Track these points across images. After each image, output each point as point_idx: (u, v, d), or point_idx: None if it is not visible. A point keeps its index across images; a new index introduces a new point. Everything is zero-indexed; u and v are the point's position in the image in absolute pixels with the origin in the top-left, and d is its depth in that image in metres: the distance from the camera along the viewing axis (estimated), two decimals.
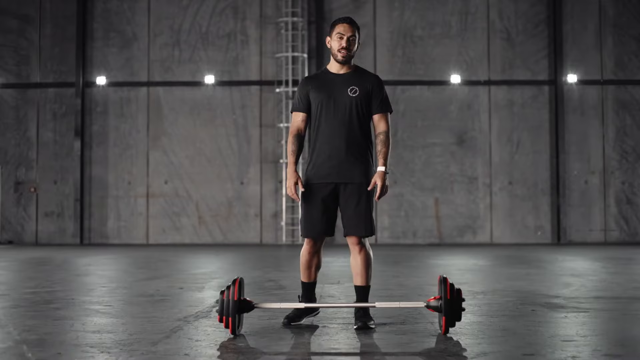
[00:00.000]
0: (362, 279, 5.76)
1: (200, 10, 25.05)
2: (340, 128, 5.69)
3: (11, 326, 5.72)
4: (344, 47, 5.71)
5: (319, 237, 5.79)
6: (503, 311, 6.53)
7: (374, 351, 4.74)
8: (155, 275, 11.20)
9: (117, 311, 6.69)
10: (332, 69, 5.83)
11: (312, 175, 5.75)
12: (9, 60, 25.26)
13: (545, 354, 4.48)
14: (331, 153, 5.68)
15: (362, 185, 5.69)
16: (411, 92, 24.68)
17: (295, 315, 5.82)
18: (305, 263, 5.88)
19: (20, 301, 7.48)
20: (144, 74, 25.04)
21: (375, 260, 14.51)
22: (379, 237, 24.39)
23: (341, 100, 5.71)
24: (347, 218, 5.70)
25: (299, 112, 5.84)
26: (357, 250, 5.74)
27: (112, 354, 4.55)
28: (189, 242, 24.67)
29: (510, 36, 24.62)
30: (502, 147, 24.50)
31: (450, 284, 5.19)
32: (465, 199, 24.51)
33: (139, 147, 24.96)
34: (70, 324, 5.83)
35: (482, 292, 8.24)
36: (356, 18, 22.77)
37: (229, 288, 5.24)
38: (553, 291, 8.28)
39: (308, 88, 5.81)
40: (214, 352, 4.66)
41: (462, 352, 4.63)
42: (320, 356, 4.54)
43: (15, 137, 25.15)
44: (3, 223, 25.09)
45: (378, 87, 5.79)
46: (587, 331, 5.38)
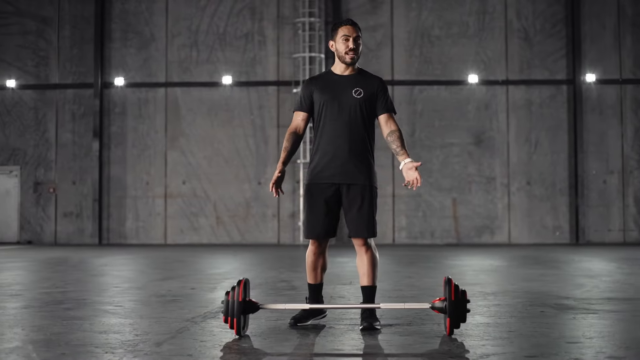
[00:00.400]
0: (368, 280, 5.75)
1: (217, 10, 25.12)
2: (344, 129, 5.69)
3: (20, 326, 5.77)
4: (352, 49, 5.72)
5: (321, 237, 5.78)
6: (512, 312, 6.51)
7: (376, 352, 4.74)
8: (169, 275, 11.24)
9: (127, 311, 6.71)
10: (337, 71, 5.84)
11: (315, 175, 5.76)
12: (28, 62, 25.43)
13: (548, 356, 4.46)
14: (334, 154, 5.69)
15: (365, 187, 5.70)
16: (429, 92, 24.63)
17: (302, 316, 5.82)
18: (310, 264, 5.89)
19: (33, 301, 7.52)
20: (162, 75, 25.14)
21: (391, 260, 14.59)
22: (397, 237, 24.37)
23: (345, 101, 5.72)
24: (351, 220, 5.70)
25: (301, 112, 5.85)
26: (363, 251, 5.75)
27: (116, 354, 4.57)
28: (206, 242, 24.75)
29: (528, 36, 24.52)
30: (520, 147, 24.41)
31: (455, 285, 5.17)
32: (483, 199, 24.44)
33: (157, 148, 25.06)
34: (79, 324, 5.86)
35: (493, 293, 8.22)
36: (373, 18, 22.91)
37: (234, 289, 5.25)
38: (565, 292, 8.24)
39: (312, 89, 5.82)
40: (217, 352, 4.68)
41: (465, 353, 4.61)
42: (322, 357, 4.54)
43: (34, 138, 25.32)
44: (22, 223, 25.27)
45: (382, 89, 5.81)
46: (594, 333, 5.35)
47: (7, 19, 25.53)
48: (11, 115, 25.42)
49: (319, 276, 5.93)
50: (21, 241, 25.12)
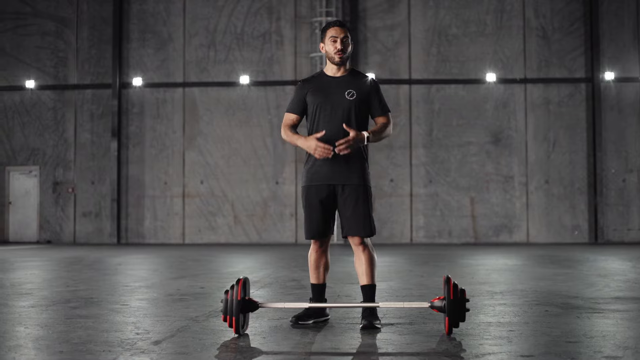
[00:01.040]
0: (367, 279, 5.75)
1: (235, 10, 25.17)
2: (337, 130, 5.70)
3: (24, 324, 5.80)
4: (339, 49, 5.77)
5: (319, 237, 5.81)
6: (516, 312, 6.47)
7: (372, 351, 4.72)
8: (182, 274, 11.27)
9: (132, 310, 6.74)
10: (329, 72, 5.88)
11: (311, 177, 5.80)
12: (47, 62, 25.60)
13: (544, 355, 4.43)
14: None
15: (360, 187, 5.73)
16: (446, 91, 24.56)
17: (304, 315, 5.83)
18: (313, 263, 5.92)
19: (41, 299, 7.56)
20: (180, 75, 25.22)
21: (406, 260, 14.57)
22: (414, 236, 24.31)
23: (338, 103, 5.75)
24: (347, 219, 5.72)
25: (292, 114, 5.90)
26: (360, 250, 5.75)
27: (113, 352, 4.59)
28: (224, 242, 24.81)
29: (546, 34, 24.40)
30: (538, 145, 24.29)
31: (454, 284, 5.15)
32: (501, 198, 24.34)
33: (175, 148, 25.15)
34: (82, 323, 5.89)
35: (501, 292, 8.18)
36: (390, 17, 22.89)
37: (233, 288, 5.26)
38: (574, 291, 8.19)
39: (305, 91, 5.87)
40: (214, 351, 4.68)
41: (461, 352, 4.59)
42: (317, 356, 4.53)
43: (53, 138, 25.48)
44: (42, 223, 25.43)
45: (375, 89, 5.85)
46: (596, 332, 5.31)
47: (25, 20, 25.70)
48: (30, 116, 25.60)
49: (321, 276, 5.95)
50: (40, 241, 25.30)
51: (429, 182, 24.40)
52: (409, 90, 24.62)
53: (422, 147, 24.48)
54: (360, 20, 24.79)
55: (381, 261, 14.55)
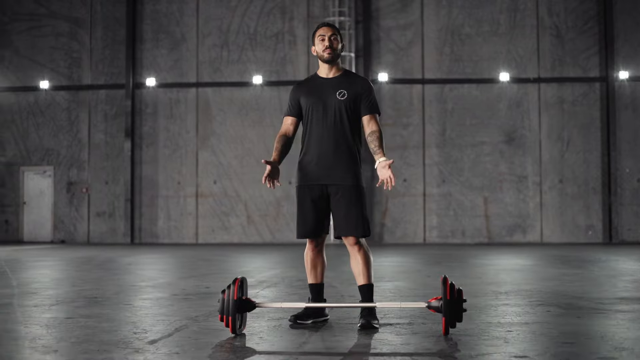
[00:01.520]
0: (364, 278, 5.74)
1: (248, 10, 25.19)
2: (330, 131, 5.76)
3: (23, 324, 5.81)
4: (328, 46, 5.79)
5: (312, 236, 5.82)
6: (518, 312, 6.44)
7: (364, 351, 4.71)
8: (191, 274, 11.30)
9: (135, 310, 6.75)
10: (322, 74, 5.92)
11: (303, 177, 5.84)
12: (61, 63, 25.70)
13: (538, 356, 4.41)
14: (320, 156, 5.77)
15: (353, 187, 5.75)
16: (459, 91, 24.49)
17: (303, 315, 5.83)
18: (309, 263, 5.93)
19: (46, 299, 7.58)
20: (193, 75, 25.27)
21: (417, 260, 14.55)
22: (428, 236, 24.25)
23: (330, 104, 5.79)
24: (340, 220, 5.72)
25: (289, 117, 5.97)
26: (355, 250, 5.75)
27: (107, 352, 4.60)
28: (237, 241, 24.83)
29: (560, 33, 24.28)
30: (552, 145, 24.18)
31: (451, 285, 5.13)
32: (515, 198, 24.24)
33: (188, 148, 25.20)
34: (82, 322, 5.91)
35: (506, 292, 8.14)
36: (403, 17, 22.87)
37: (230, 287, 5.26)
38: (580, 292, 8.14)
39: (299, 93, 5.93)
40: (208, 351, 4.68)
41: (455, 353, 4.57)
42: (308, 356, 4.51)
43: (67, 138, 25.58)
44: (56, 223, 25.54)
45: (367, 90, 5.86)
46: (595, 333, 5.27)
47: (40, 21, 25.82)
48: (45, 116, 25.71)
49: (319, 276, 5.95)
50: (55, 241, 25.41)
51: (442, 182, 24.34)
52: (422, 89, 24.57)
53: (435, 146, 24.42)
54: (373, 20, 24.75)
55: (391, 261, 14.53)
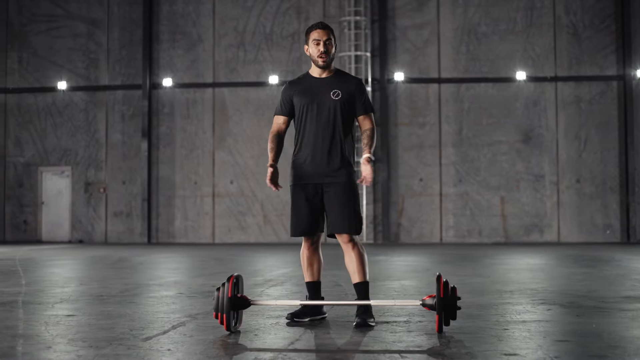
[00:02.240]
0: (359, 276, 5.75)
1: (264, 11, 25.23)
2: (324, 130, 5.79)
3: (23, 321, 5.86)
4: (323, 52, 5.79)
5: (306, 234, 5.84)
6: (518, 311, 6.41)
7: (354, 349, 4.70)
8: (201, 273, 11.34)
9: (137, 307, 6.77)
10: (314, 74, 5.93)
11: (297, 176, 5.89)
12: (78, 64, 25.85)
13: (527, 354, 4.38)
14: (314, 154, 5.80)
15: (346, 185, 5.76)
16: (476, 90, 24.42)
17: (300, 313, 5.83)
18: (305, 261, 5.94)
19: (51, 297, 7.62)
20: (210, 75, 25.34)
21: (429, 259, 14.55)
22: (444, 236, 24.20)
23: (324, 103, 5.81)
24: (334, 218, 5.74)
25: (281, 116, 5.98)
26: (349, 248, 5.76)
27: (99, 348, 4.62)
28: (254, 241, 24.87)
29: (577, 31, 24.15)
30: (569, 144, 24.05)
31: (445, 282, 5.11)
32: (532, 198, 24.14)
33: (204, 148, 25.27)
34: (81, 320, 5.95)
35: (511, 291, 8.11)
36: (419, 16, 22.84)
37: (224, 285, 5.27)
38: (585, 290, 8.10)
39: (291, 92, 5.94)
40: (199, 347, 4.70)
41: (445, 350, 4.56)
42: (296, 353, 4.52)
43: (85, 138, 25.73)
44: (74, 223, 25.69)
45: (360, 89, 5.88)
46: (591, 331, 5.24)
47: (57, 22, 25.99)
48: (62, 117, 25.87)
49: (315, 274, 5.96)
50: (72, 240, 25.56)
51: (459, 182, 24.28)
52: (439, 89, 24.51)
53: (452, 146, 24.36)
54: (389, 19, 24.72)
55: (403, 260, 14.51)
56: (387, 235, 24.33)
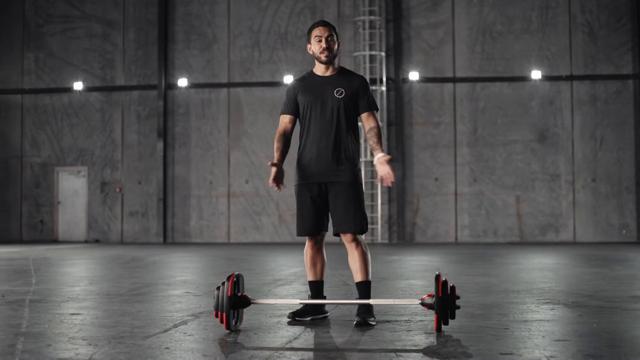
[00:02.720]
0: (362, 275, 5.75)
1: (279, 11, 25.26)
2: (328, 129, 5.77)
3: (27, 320, 5.90)
4: (325, 48, 5.80)
5: (311, 234, 5.84)
6: (522, 310, 6.40)
7: (351, 348, 4.71)
8: (213, 272, 11.39)
9: (141, 306, 6.79)
10: (318, 72, 5.92)
11: (301, 175, 5.86)
12: (94, 64, 25.99)
13: (523, 353, 4.38)
14: (319, 153, 5.78)
15: (350, 184, 5.75)
16: (491, 89, 24.35)
17: (301, 312, 5.84)
18: (309, 260, 5.94)
19: (58, 296, 7.67)
20: (225, 75, 25.40)
21: (442, 258, 14.54)
22: (459, 235, 24.14)
23: (328, 101, 5.79)
24: (338, 217, 5.74)
25: (287, 115, 5.95)
26: (353, 247, 5.76)
27: (98, 346, 4.66)
28: (269, 241, 24.91)
29: (592, 30, 24.04)
30: (585, 143, 23.94)
31: (443, 282, 5.12)
32: (547, 197, 24.04)
33: (220, 148, 25.33)
34: (83, 318, 5.98)
35: (518, 290, 8.09)
36: (434, 15, 22.82)
37: (224, 284, 5.30)
38: (593, 290, 8.07)
39: (296, 91, 5.93)
40: (198, 346, 4.72)
41: (441, 349, 4.56)
42: (294, 351, 4.53)
43: (101, 139, 25.86)
44: (90, 222, 25.82)
45: (364, 87, 5.86)
46: (589, 331, 5.23)
47: (74, 23, 26.13)
48: (79, 117, 26.01)
49: (318, 273, 5.96)
50: (89, 240, 25.69)
51: (474, 181, 24.22)
52: (453, 88, 24.47)
53: (467, 145, 24.30)
54: (404, 19, 24.69)
55: (415, 260, 14.50)
56: (402, 235, 24.31)
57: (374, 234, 24.42)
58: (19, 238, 26.15)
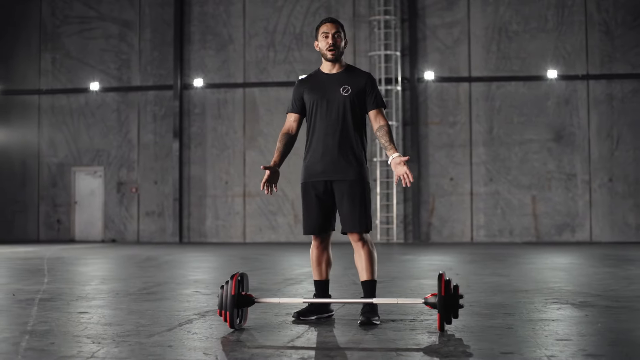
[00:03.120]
0: (367, 274, 5.75)
1: (294, 11, 25.29)
2: (334, 127, 5.75)
3: (33, 317, 5.94)
4: (332, 44, 5.78)
5: (318, 233, 5.84)
6: (527, 309, 6.39)
7: (352, 347, 4.71)
8: (224, 272, 11.40)
9: (148, 304, 6.82)
10: (325, 70, 5.90)
11: (307, 173, 5.85)
12: (110, 65, 26.11)
13: (524, 352, 4.38)
14: (324, 151, 5.76)
15: (356, 182, 5.73)
16: (507, 88, 24.28)
17: (306, 311, 5.85)
18: (315, 259, 5.94)
19: (67, 295, 7.72)
20: (240, 76, 25.45)
21: (454, 258, 14.49)
22: (475, 235, 24.08)
23: (334, 99, 5.77)
24: (343, 215, 5.74)
25: (293, 114, 5.95)
26: (359, 246, 5.76)
27: (102, 344, 4.69)
28: (285, 240, 24.94)
29: (609, 29, 23.92)
30: (601, 142, 23.83)
31: (446, 281, 5.11)
32: (564, 197, 23.94)
33: (235, 148, 25.39)
34: (89, 317, 6.02)
35: (527, 290, 8.06)
36: (450, 15, 22.80)
37: (228, 283, 5.32)
38: (602, 289, 8.04)
39: (302, 90, 5.91)
40: (200, 344, 4.74)
41: (442, 348, 4.55)
42: (295, 350, 4.55)
43: (117, 139, 25.98)
44: (106, 222, 25.95)
45: (370, 84, 5.82)
46: (593, 331, 5.21)
47: (90, 24, 26.27)
48: (95, 117, 26.14)
49: (324, 272, 5.96)
50: (105, 240, 25.81)
51: (490, 181, 24.16)
52: (469, 88, 24.41)
53: (483, 145, 24.24)
54: (419, 18, 24.66)
55: (428, 259, 14.49)
56: (417, 234, 24.29)
57: (389, 233, 24.40)
58: (36, 238, 26.32)
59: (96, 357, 4.31)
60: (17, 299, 7.34)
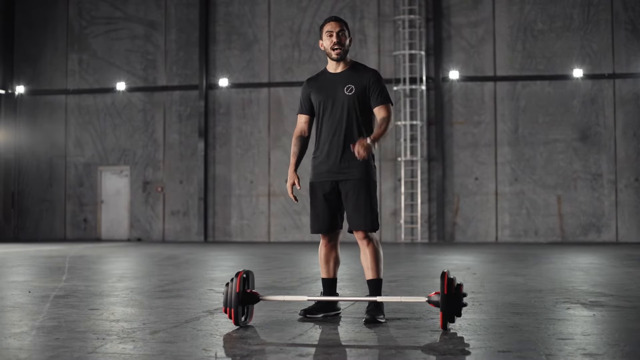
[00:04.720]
0: (372, 273, 5.77)
1: (319, 10, 25.33)
2: (338, 127, 5.78)
3: (44, 313, 6.02)
4: (336, 43, 5.78)
5: (325, 232, 5.87)
6: (536, 309, 6.36)
7: (352, 345, 4.74)
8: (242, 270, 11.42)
9: (159, 302, 6.88)
10: (330, 69, 5.93)
11: (314, 173, 5.91)
12: (136, 65, 26.29)
13: (522, 351, 4.37)
14: (330, 151, 5.81)
15: (362, 181, 5.74)
16: (532, 88, 24.15)
17: (313, 309, 5.88)
18: (323, 258, 5.98)
19: (82, 293, 7.80)
20: (265, 75, 25.53)
21: (476, 258, 14.46)
22: (500, 235, 23.98)
23: (338, 99, 5.79)
24: (349, 214, 5.78)
25: (302, 115, 6.02)
26: (364, 244, 5.78)
27: (105, 340, 4.75)
28: (309, 240, 24.95)
29: (635, 27, 23.72)
30: (627, 142, 23.64)
31: (449, 279, 5.11)
32: (589, 197, 23.78)
33: (260, 147, 25.47)
34: (99, 314, 6.09)
35: (540, 290, 8.03)
36: (475, 14, 22.76)
37: (232, 280, 5.36)
38: (616, 289, 7.99)
39: (309, 90, 5.96)
40: (202, 341, 4.78)
41: (442, 346, 4.56)
42: (295, 347, 4.58)
43: (143, 138, 26.15)
44: (132, 221, 26.13)
45: (375, 81, 5.80)
46: (597, 330, 5.19)
47: (116, 25, 26.47)
48: (121, 117, 26.34)
49: (331, 271, 5.99)
50: (131, 239, 26.00)
51: (515, 180, 24.05)
52: (494, 87, 24.32)
53: (507, 144, 24.14)
54: (444, 18, 24.60)
55: (449, 259, 14.46)
56: (441, 234, 24.23)
57: (413, 233, 24.37)
58: (63, 236, 26.57)
59: (97, 353, 4.36)
60: (33, 296, 7.43)
